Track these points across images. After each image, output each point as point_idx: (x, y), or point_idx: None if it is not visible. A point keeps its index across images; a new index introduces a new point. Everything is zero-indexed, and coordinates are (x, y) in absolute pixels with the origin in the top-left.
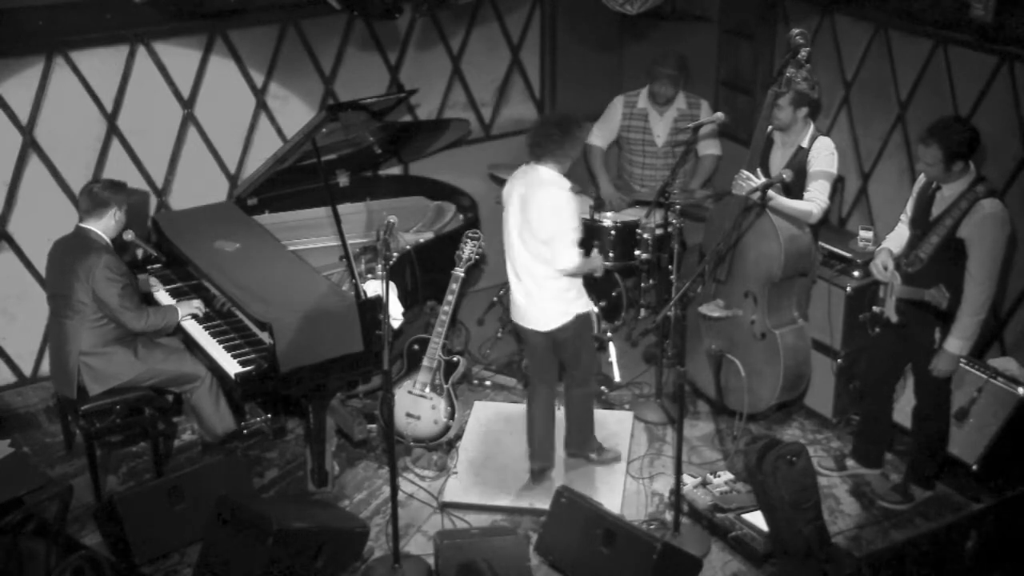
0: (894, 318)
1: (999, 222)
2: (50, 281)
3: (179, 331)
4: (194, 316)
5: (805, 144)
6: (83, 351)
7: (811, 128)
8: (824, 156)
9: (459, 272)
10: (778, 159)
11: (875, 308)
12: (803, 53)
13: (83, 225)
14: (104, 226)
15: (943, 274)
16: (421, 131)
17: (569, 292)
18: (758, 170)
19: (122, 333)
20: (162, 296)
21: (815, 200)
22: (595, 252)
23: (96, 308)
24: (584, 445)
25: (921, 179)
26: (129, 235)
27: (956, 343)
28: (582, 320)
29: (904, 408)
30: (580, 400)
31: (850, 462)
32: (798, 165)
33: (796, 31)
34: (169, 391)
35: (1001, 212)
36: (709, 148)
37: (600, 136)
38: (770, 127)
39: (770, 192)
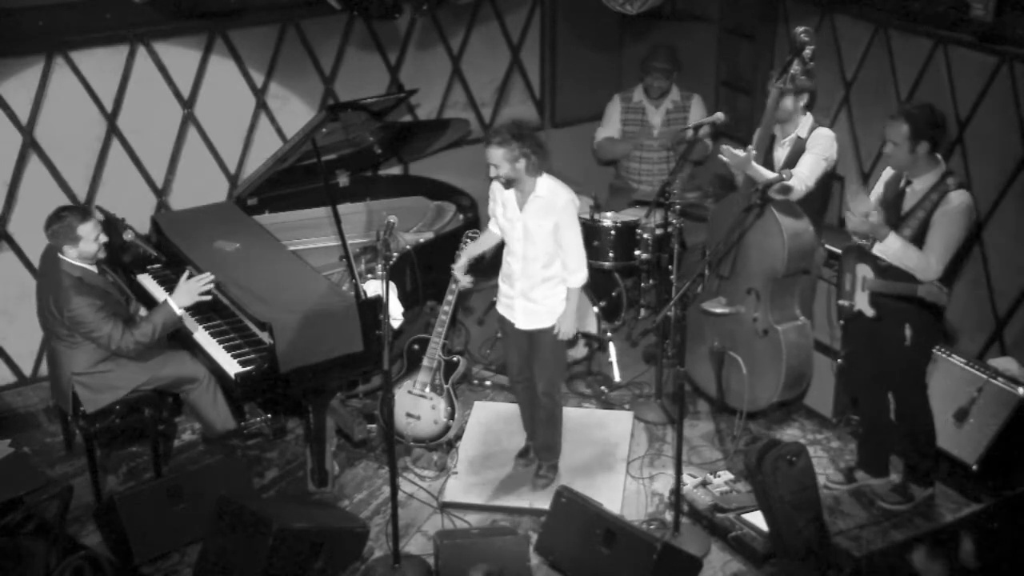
0: (869, 312)
1: (966, 212)
2: (38, 293)
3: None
4: (200, 300)
5: (803, 135)
6: (75, 372)
7: (810, 119)
8: (821, 140)
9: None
10: (780, 151)
11: (841, 302)
12: (808, 51)
13: (59, 255)
14: (78, 255)
15: None
16: (421, 131)
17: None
18: (750, 148)
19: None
20: (153, 287)
21: (798, 175)
22: None
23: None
24: (548, 452)
25: (886, 173)
26: (129, 235)
27: (890, 241)
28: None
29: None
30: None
31: (859, 474)
32: (795, 155)
33: (801, 29)
34: (169, 392)
35: (969, 203)
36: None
37: (603, 134)
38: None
39: (752, 162)
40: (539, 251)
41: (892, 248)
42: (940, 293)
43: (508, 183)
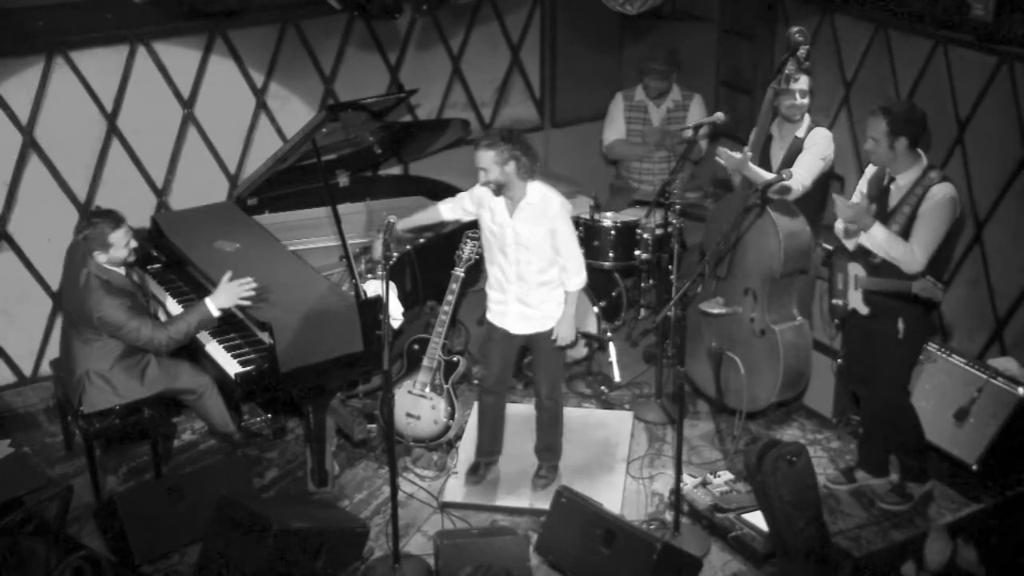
0: (863, 309)
1: (951, 204)
2: (62, 287)
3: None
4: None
5: (801, 135)
6: (89, 369)
7: (808, 120)
8: (818, 140)
9: (459, 272)
10: (777, 150)
11: (834, 301)
12: (802, 51)
13: (88, 258)
14: (108, 260)
15: None
16: (421, 131)
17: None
18: (746, 149)
19: (130, 363)
20: (154, 287)
21: (795, 175)
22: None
23: (106, 336)
24: (549, 453)
25: (869, 170)
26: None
27: (875, 231)
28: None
29: None
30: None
31: (860, 473)
32: (793, 155)
33: (795, 29)
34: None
35: (953, 195)
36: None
37: (612, 134)
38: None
39: (749, 163)
40: (533, 256)
41: (877, 238)
42: (935, 289)
43: (498, 189)
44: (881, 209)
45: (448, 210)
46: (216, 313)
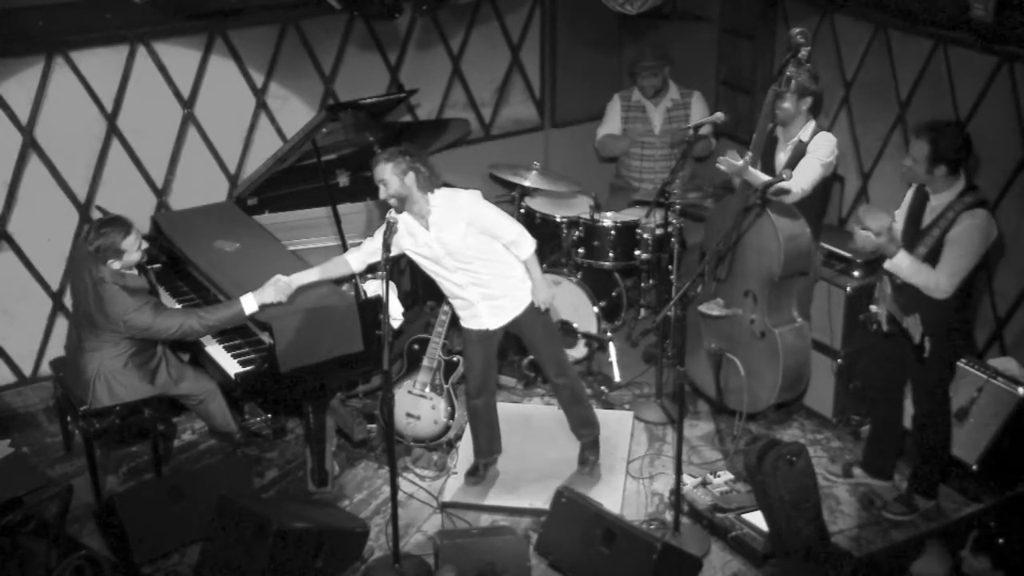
0: (884, 326)
1: (981, 231)
2: (73, 290)
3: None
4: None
5: (805, 138)
6: (101, 369)
7: (812, 124)
8: (821, 145)
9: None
10: (781, 153)
11: (872, 307)
12: (803, 52)
13: (100, 265)
14: (122, 265)
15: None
16: (421, 131)
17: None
18: (748, 154)
19: (142, 360)
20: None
21: (795, 179)
22: None
23: (119, 338)
24: (588, 428)
25: (912, 189)
26: None
27: (899, 259)
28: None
29: (910, 410)
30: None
31: (857, 471)
32: (796, 158)
33: (797, 30)
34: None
35: (986, 224)
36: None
37: (604, 130)
38: (771, 125)
39: (749, 167)
40: (470, 255)
41: (901, 265)
42: (917, 328)
43: (400, 204)
44: (915, 227)
45: (356, 260)
46: (253, 309)
